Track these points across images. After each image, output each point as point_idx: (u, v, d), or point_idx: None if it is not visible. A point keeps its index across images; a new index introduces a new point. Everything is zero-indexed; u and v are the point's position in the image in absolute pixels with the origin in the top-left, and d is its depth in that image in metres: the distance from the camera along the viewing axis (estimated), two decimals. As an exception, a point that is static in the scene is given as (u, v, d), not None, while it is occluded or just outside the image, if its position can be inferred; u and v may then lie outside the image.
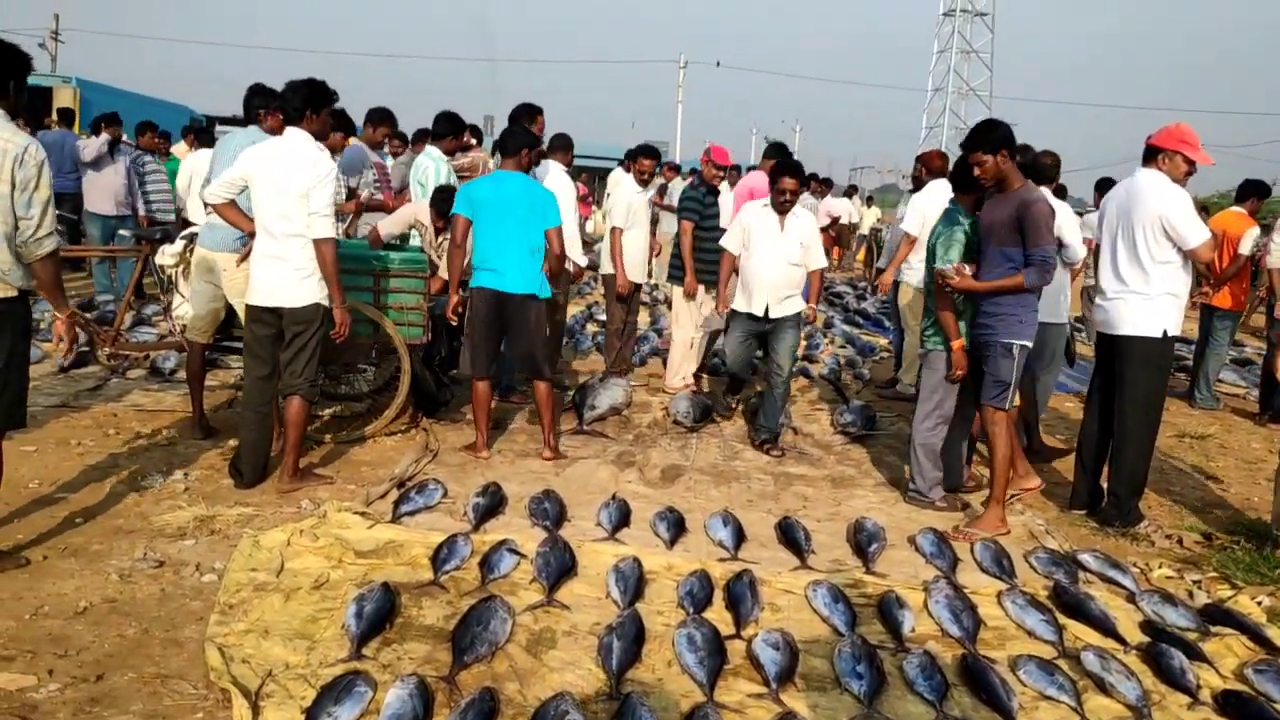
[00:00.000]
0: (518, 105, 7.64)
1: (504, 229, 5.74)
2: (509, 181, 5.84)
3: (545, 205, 5.81)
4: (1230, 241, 8.68)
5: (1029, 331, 5.11)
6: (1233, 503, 6.15)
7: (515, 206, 5.72)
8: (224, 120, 31.78)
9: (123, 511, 4.75)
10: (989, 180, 5.07)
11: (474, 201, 5.79)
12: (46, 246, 3.90)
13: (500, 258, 5.77)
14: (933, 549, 4.82)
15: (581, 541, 4.60)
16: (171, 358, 7.32)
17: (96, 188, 10.52)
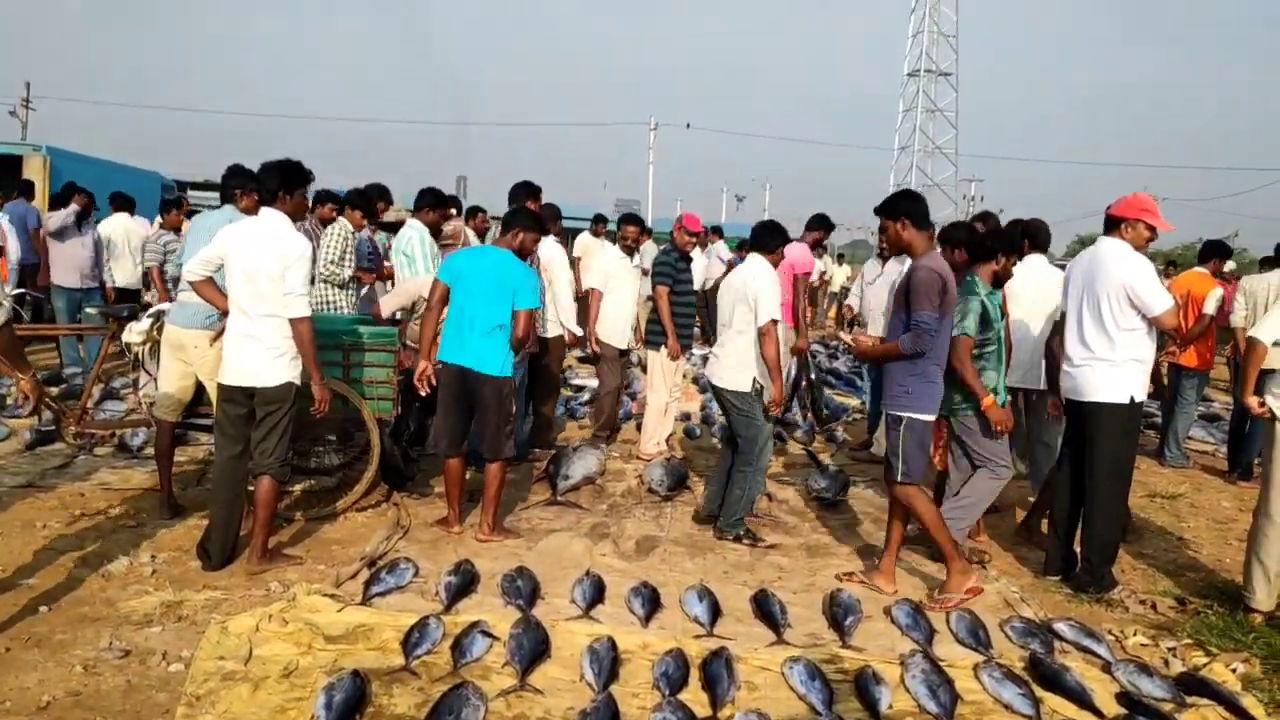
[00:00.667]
0: (516, 184, 7.83)
1: (472, 304, 5.72)
2: (489, 257, 5.86)
3: (519, 285, 5.71)
4: (1194, 301, 8.82)
5: (918, 404, 5.09)
6: (1205, 564, 6.18)
7: (488, 283, 5.71)
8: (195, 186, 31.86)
9: (88, 598, 4.67)
10: (891, 247, 5.36)
11: (453, 271, 5.82)
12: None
13: (464, 333, 5.73)
14: (909, 620, 4.80)
15: (555, 621, 4.55)
16: (140, 433, 7.24)
17: (62, 260, 10.46)
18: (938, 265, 5.06)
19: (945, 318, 5.07)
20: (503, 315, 5.70)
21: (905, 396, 5.13)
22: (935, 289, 4.95)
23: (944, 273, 5.02)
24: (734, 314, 6.00)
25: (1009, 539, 6.44)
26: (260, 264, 4.90)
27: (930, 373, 5.12)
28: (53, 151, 20.75)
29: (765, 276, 5.95)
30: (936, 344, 5.09)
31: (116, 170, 24.52)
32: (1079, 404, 5.45)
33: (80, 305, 10.29)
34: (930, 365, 5.12)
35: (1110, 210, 5.47)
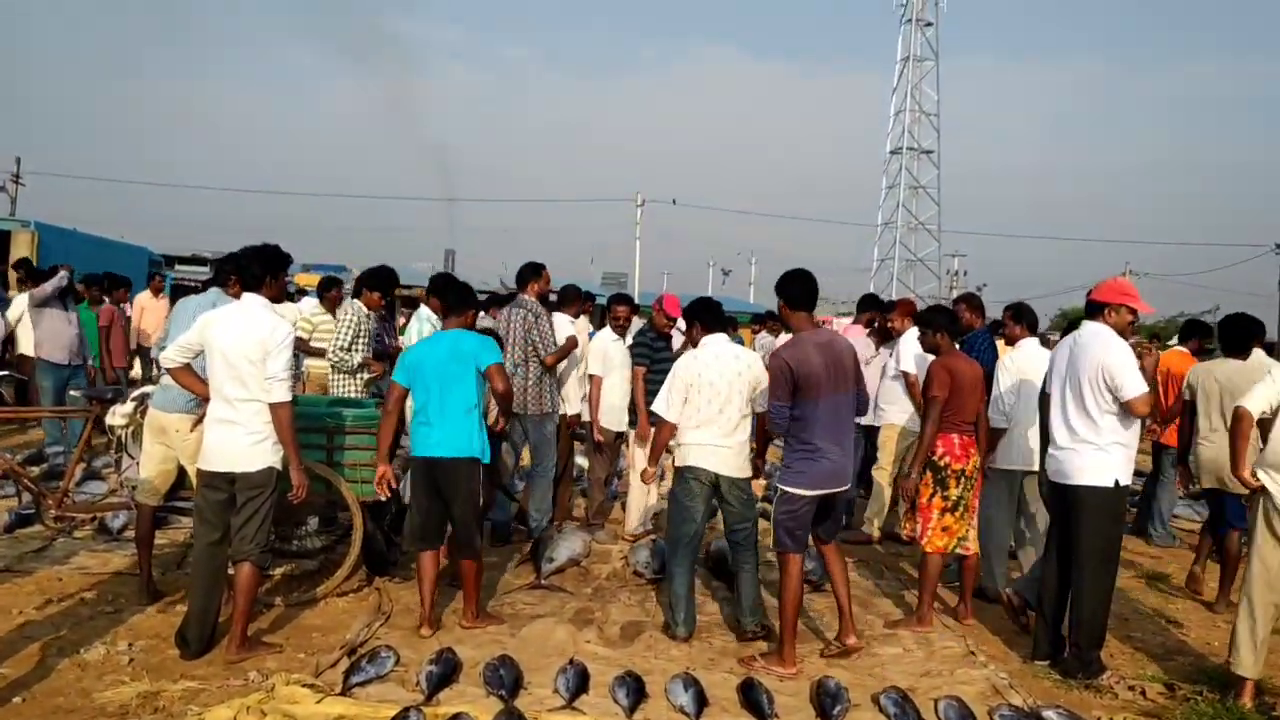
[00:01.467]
0: (523, 266, 7.93)
1: (433, 391, 5.57)
2: (440, 340, 5.78)
3: (476, 352, 5.61)
4: (1175, 380, 8.88)
5: (789, 479, 5.41)
6: (1194, 647, 6.14)
7: (445, 365, 5.58)
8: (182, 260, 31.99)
9: (63, 688, 4.59)
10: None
11: (408, 367, 5.69)
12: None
13: (432, 424, 5.57)
14: (896, 710, 4.74)
15: (539, 713, 4.49)
16: (120, 516, 7.18)
17: (49, 338, 10.40)
18: (789, 353, 5.39)
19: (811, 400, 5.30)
20: (469, 395, 5.56)
21: (785, 470, 5.50)
22: (780, 379, 5.33)
23: (794, 360, 5.32)
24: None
25: (996, 623, 6.40)
26: (241, 349, 4.92)
27: (806, 451, 5.38)
28: (41, 227, 20.86)
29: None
30: (806, 425, 5.36)
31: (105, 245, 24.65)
32: (1064, 487, 5.46)
33: (67, 381, 10.21)
34: (805, 446, 5.38)
35: (1092, 295, 5.56)
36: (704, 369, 5.68)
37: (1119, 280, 5.68)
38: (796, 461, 5.39)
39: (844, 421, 5.47)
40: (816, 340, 5.44)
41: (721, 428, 5.65)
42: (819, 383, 5.29)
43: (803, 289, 5.55)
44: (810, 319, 5.57)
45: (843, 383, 5.40)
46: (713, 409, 5.63)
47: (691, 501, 5.72)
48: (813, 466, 5.36)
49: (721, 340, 5.86)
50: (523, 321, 7.69)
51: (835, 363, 5.37)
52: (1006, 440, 6.71)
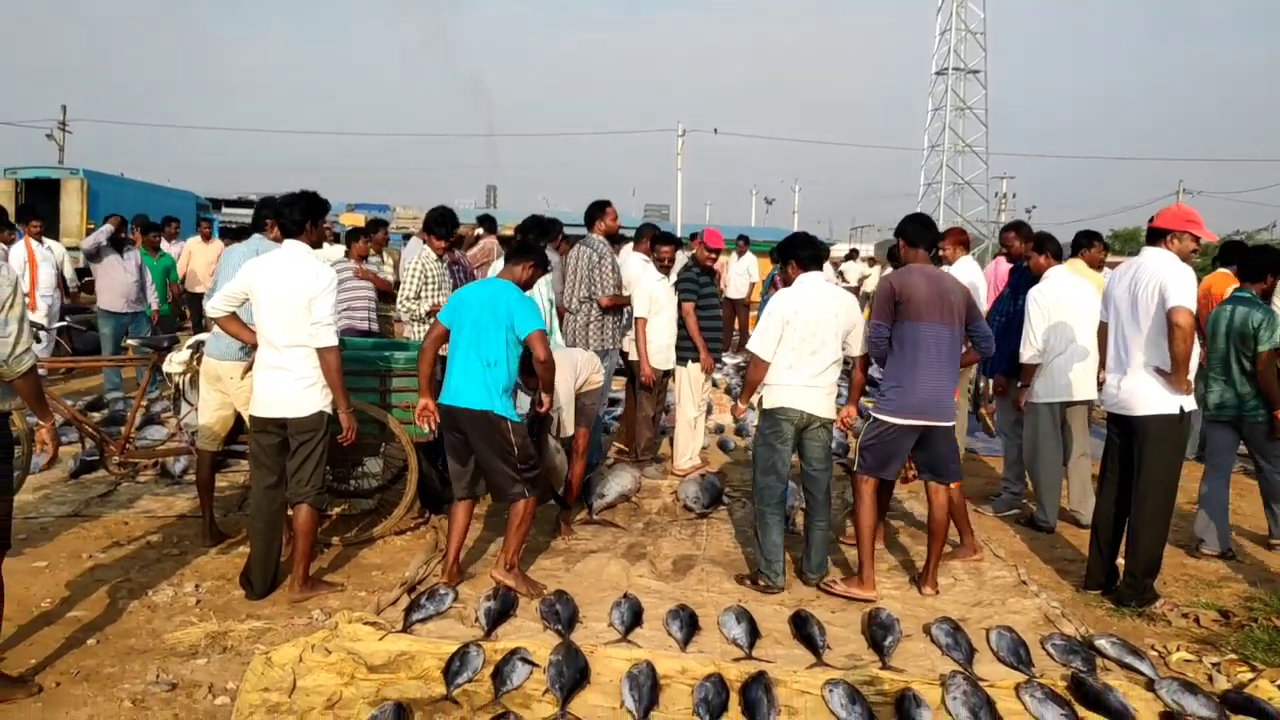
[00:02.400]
0: (591, 205, 8.10)
1: (464, 336, 5.39)
2: (484, 287, 5.63)
3: (511, 311, 5.32)
4: (1215, 300, 8.71)
5: (880, 404, 5.50)
6: (1248, 574, 6.11)
7: (479, 313, 5.38)
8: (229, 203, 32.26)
9: (134, 629, 4.75)
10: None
11: (451, 306, 5.57)
12: (25, 363, 3.91)
13: (453, 370, 5.41)
14: (948, 640, 4.78)
15: (594, 646, 4.57)
16: (181, 460, 7.35)
17: (107, 285, 10.55)
18: (895, 277, 5.50)
19: (913, 323, 5.33)
20: (496, 349, 5.30)
21: (879, 396, 5.54)
22: (883, 300, 5.45)
23: (898, 282, 5.40)
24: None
25: (1049, 553, 6.40)
26: (286, 296, 4.98)
27: (899, 379, 5.40)
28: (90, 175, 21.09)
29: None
30: (907, 350, 5.37)
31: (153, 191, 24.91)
32: (1126, 418, 5.40)
33: (126, 330, 10.35)
34: (901, 372, 5.41)
35: (1155, 222, 5.43)
36: (801, 308, 5.54)
37: (1183, 207, 5.57)
38: (890, 389, 5.43)
39: (944, 354, 5.38)
40: (926, 271, 5.45)
41: (813, 368, 5.54)
42: (920, 307, 5.28)
43: (921, 228, 5.62)
44: (927, 256, 5.58)
45: (947, 314, 5.35)
46: (806, 349, 5.51)
47: (781, 445, 5.58)
48: (903, 395, 5.36)
49: (817, 279, 5.72)
50: (587, 260, 7.80)
51: (941, 293, 5.34)
52: (1045, 373, 6.65)
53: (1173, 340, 5.11)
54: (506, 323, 5.30)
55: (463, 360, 5.35)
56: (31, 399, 4.05)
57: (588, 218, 8.11)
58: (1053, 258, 6.85)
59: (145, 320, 10.76)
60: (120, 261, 10.58)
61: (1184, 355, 5.14)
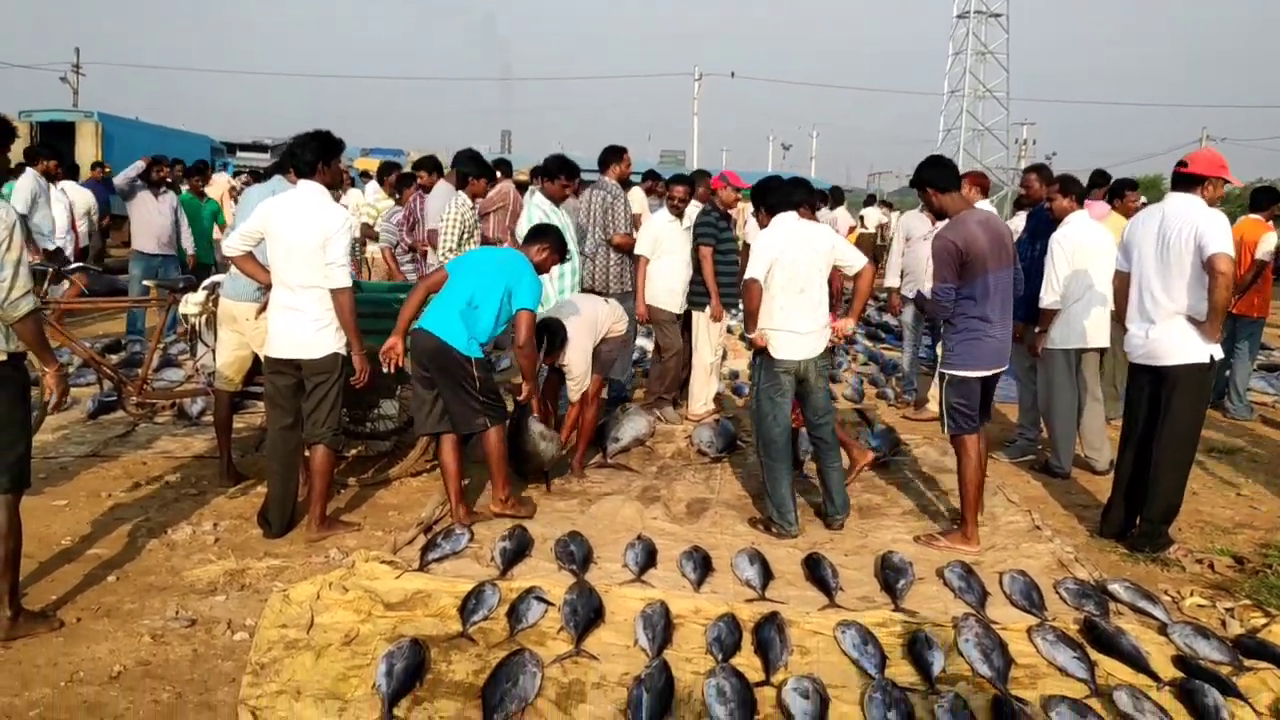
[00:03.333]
0: (605, 149, 8.15)
1: (458, 283, 5.48)
2: (499, 253, 5.85)
3: (518, 282, 5.47)
4: (1247, 248, 8.64)
5: (957, 362, 5.38)
6: (1263, 522, 6.09)
7: (484, 269, 5.52)
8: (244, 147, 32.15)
9: (154, 567, 4.80)
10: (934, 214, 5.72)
11: (462, 260, 5.76)
12: (23, 308, 3.81)
13: (435, 302, 5.50)
14: (961, 583, 4.79)
15: (609, 586, 4.60)
16: (199, 401, 7.39)
17: (139, 226, 10.41)
18: (954, 233, 5.22)
19: (978, 278, 5.21)
20: (487, 301, 5.42)
21: (948, 354, 5.44)
22: (947, 260, 5.22)
23: (961, 239, 5.18)
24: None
25: (1063, 498, 6.40)
26: (300, 236, 4.95)
27: (972, 331, 5.30)
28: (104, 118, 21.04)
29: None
30: (975, 305, 5.26)
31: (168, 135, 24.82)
32: (1153, 369, 5.34)
33: (156, 273, 10.25)
34: (972, 324, 5.30)
35: (1192, 168, 5.29)
36: (784, 247, 5.48)
37: (1213, 151, 5.48)
38: (961, 344, 5.34)
39: (1008, 299, 5.38)
40: (978, 218, 5.33)
41: (803, 308, 5.49)
42: (985, 259, 5.19)
43: (943, 171, 5.45)
44: (962, 198, 5.45)
45: (1005, 258, 5.32)
46: (794, 288, 5.44)
47: (781, 397, 5.56)
48: (979, 347, 5.30)
49: (792, 219, 5.63)
50: (601, 203, 7.84)
51: (998, 239, 5.27)
52: (1063, 319, 6.59)
53: (1214, 288, 5.04)
54: (507, 287, 5.43)
55: (448, 297, 5.46)
56: (34, 344, 3.93)
57: (602, 162, 8.11)
58: (1076, 201, 6.74)
59: (176, 264, 10.68)
60: (154, 202, 10.38)
61: (1225, 303, 5.10)
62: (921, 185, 5.45)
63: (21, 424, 4.03)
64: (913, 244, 8.52)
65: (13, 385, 3.95)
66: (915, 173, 5.56)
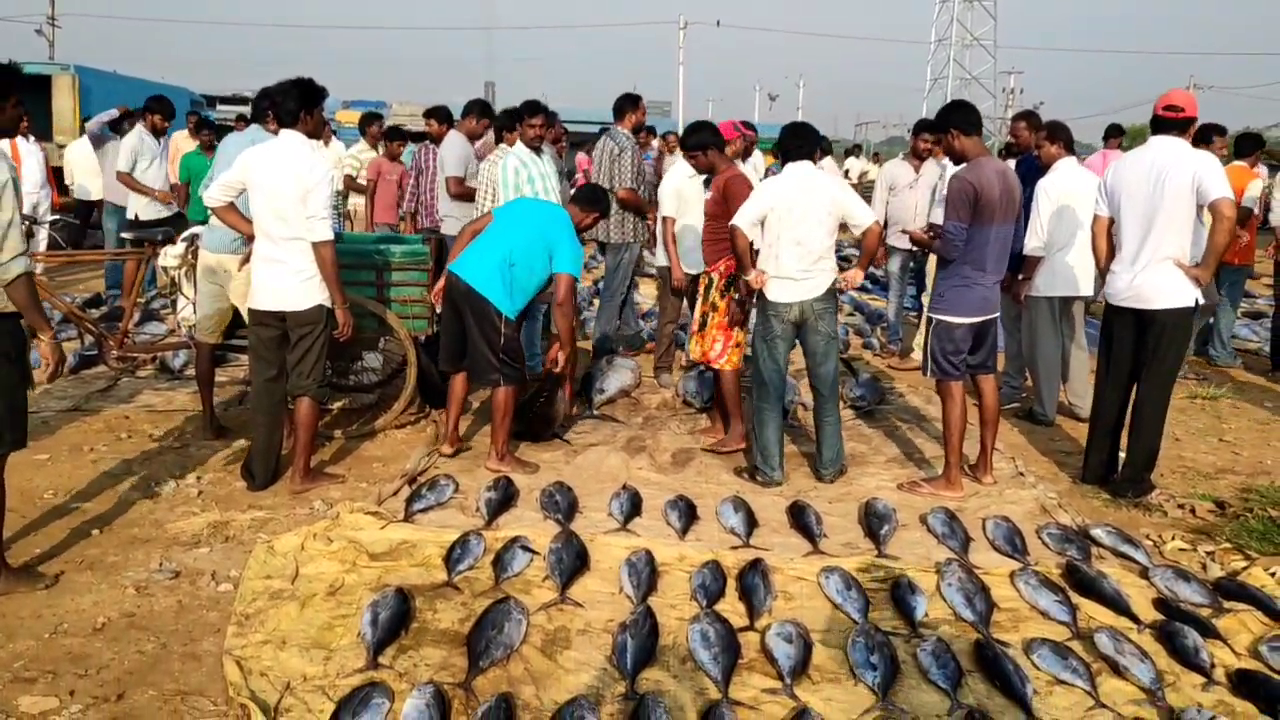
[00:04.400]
0: (620, 97, 8.04)
1: (500, 232, 5.55)
2: (546, 209, 5.83)
3: (560, 244, 5.52)
4: (1238, 194, 8.62)
5: (947, 307, 5.38)
6: (1244, 467, 6.14)
7: (529, 225, 5.56)
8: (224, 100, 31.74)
9: (137, 520, 4.79)
10: (951, 158, 5.58)
11: (511, 206, 5.88)
12: (14, 270, 3.72)
13: (475, 247, 5.55)
14: (944, 529, 4.82)
15: (594, 535, 4.61)
16: (180, 355, 7.34)
17: (110, 178, 10.28)
18: (973, 176, 5.16)
19: (985, 227, 5.17)
20: (527, 258, 5.48)
21: (938, 300, 5.42)
22: (964, 201, 5.15)
23: (978, 183, 5.12)
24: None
25: (1047, 445, 6.43)
26: (281, 187, 4.88)
27: (964, 278, 5.29)
28: (81, 71, 20.69)
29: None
30: (973, 251, 5.22)
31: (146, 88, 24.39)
32: (1138, 312, 5.33)
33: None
34: (966, 271, 5.28)
35: (1179, 113, 5.21)
36: (784, 196, 5.37)
37: (1185, 93, 5.44)
38: (950, 290, 5.34)
39: (1004, 253, 5.38)
40: (996, 167, 5.32)
41: (799, 260, 5.36)
42: (994, 209, 5.17)
43: (969, 114, 5.39)
44: (981, 144, 5.40)
45: (1012, 212, 5.32)
46: (790, 239, 5.34)
47: (773, 341, 5.51)
48: (968, 294, 5.30)
49: (806, 169, 5.49)
50: (609, 152, 7.80)
51: (1009, 191, 5.26)
52: (1048, 266, 6.58)
53: (1216, 231, 5.05)
54: (549, 248, 5.49)
55: (488, 246, 5.51)
56: (27, 308, 3.82)
57: (617, 110, 7.99)
58: (1064, 148, 6.68)
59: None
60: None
61: (1224, 247, 5.12)
62: (946, 127, 5.37)
63: (14, 384, 3.92)
64: (898, 192, 8.49)
65: (4, 343, 3.84)
66: (940, 114, 5.54)
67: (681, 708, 3.33)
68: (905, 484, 5.54)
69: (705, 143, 5.97)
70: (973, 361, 5.50)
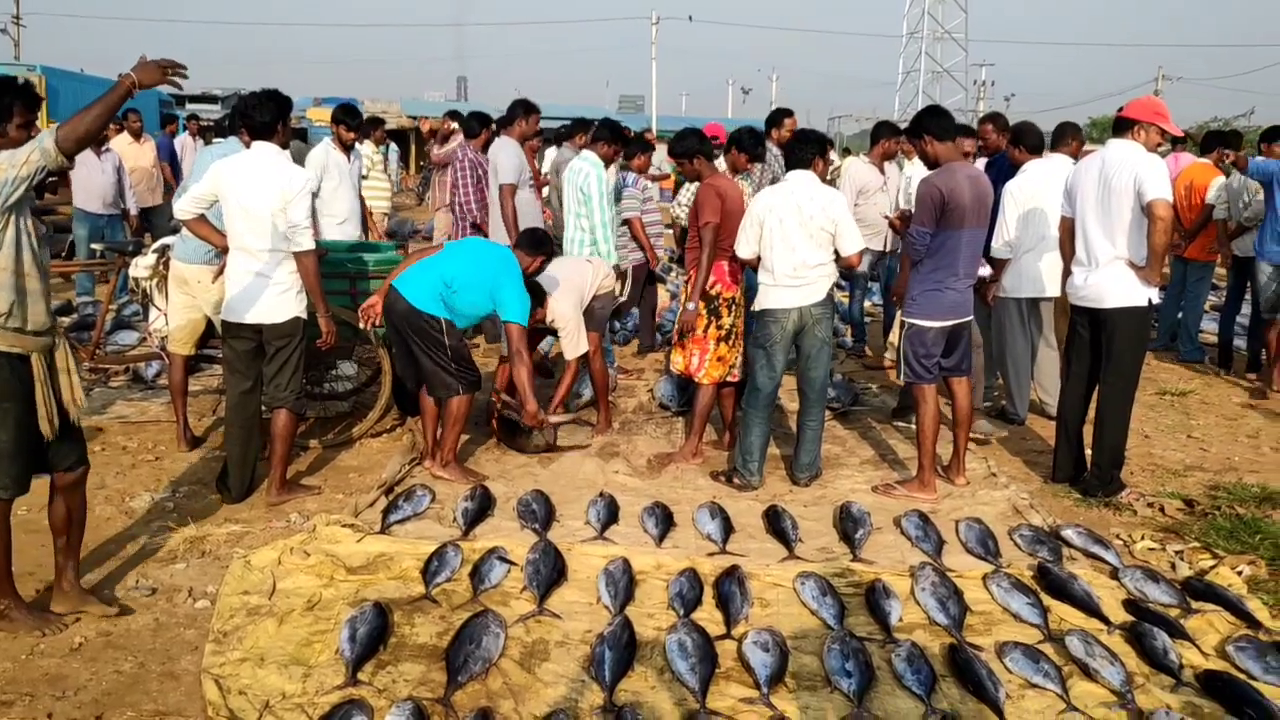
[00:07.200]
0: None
1: (447, 259, 5.56)
2: (496, 252, 5.73)
3: (504, 293, 5.48)
4: (1197, 192, 8.74)
5: (919, 311, 5.43)
6: (1213, 464, 6.22)
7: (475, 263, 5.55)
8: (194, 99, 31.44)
9: (113, 535, 4.75)
10: (925, 163, 5.58)
11: (461, 244, 5.91)
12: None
13: (416, 267, 5.54)
14: (918, 532, 4.87)
15: (571, 544, 4.63)
16: (154, 365, 7.30)
17: (81, 184, 10.16)
18: (941, 181, 5.22)
19: (956, 231, 5.23)
20: (468, 292, 5.46)
21: (909, 304, 5.47)
22: (929, 206, 5.23)
23: (946, 189, 5.18)
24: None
25: (1018, 445, 6.50)
26: (259, 200, 4.86)
27: (936, 282, 5.34)
28: (48, 71, 20.44)
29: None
30: (944, 256, 5.28)
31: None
32: (1093, 311, 5.42)
33: (102, 234, 10.01)
34: (937, 275, 5.34)
35: (1124, 113, 5.41)
36: (774, 207, 5.37)
37: (1153, 99, 5.57)
38: (923, 295, 5.39)
39: (976, 256, 5.48)
40: (967, 173, 5.37)
41: (797, 268, 5.37)
42: (964, 214, 5.22)
43: (944, 121, 5.45)
44: (956, 149, 5.46)
45: (983, 217, 5.38)
46: (785, 247, 5.34)
47: (771, 347, 5.48)
48: (939, 299, 5.36)
49: (803, 179, 5.46)
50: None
51: (980, 197, 5.32)
52: (1015, 268, 6.63)
53: (1153, 232, 5.11)
54: (492, 291, 5.49)
55: (430, 266, 5.50)
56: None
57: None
58: (1028, 151, 6.74)
59: (121, 224, 10.46)
60: (96, 161, 10.04)
61: (1164, 247, 5.19)
62: (920, 133, 5.40)
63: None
64: (869, 195, 8.46)
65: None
66: (915, 119, 5.55)
67: (660, 719, 3.36)
68: (880, 487, 5.59)
69: (692, 149, 5.93)
70: (946, 364, 5.55)
